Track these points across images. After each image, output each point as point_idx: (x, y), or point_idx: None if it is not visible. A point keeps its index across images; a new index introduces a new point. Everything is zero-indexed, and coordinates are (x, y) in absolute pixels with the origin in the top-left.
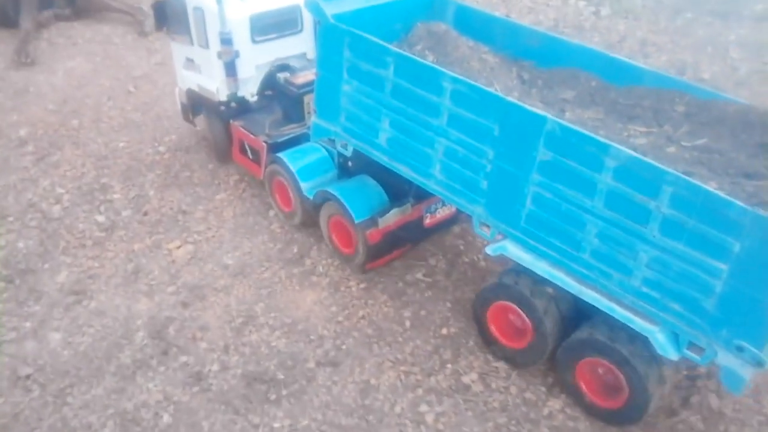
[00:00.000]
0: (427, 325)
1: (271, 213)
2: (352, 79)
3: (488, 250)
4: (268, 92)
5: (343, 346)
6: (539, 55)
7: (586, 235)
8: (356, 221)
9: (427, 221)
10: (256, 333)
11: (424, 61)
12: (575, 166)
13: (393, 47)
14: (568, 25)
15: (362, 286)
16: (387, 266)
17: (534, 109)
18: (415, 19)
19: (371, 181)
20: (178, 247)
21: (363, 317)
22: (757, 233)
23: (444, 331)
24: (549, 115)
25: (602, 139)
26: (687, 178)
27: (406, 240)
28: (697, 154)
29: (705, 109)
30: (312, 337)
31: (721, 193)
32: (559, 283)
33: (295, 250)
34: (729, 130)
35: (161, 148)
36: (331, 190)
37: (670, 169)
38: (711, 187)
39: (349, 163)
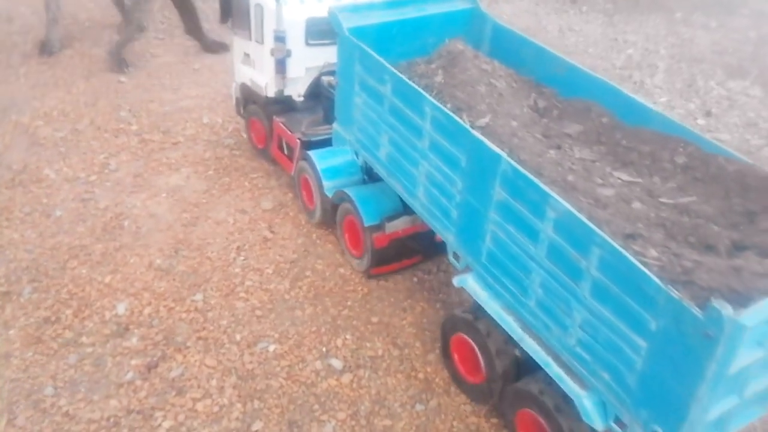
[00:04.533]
0: None
1: None
2: (362, 91)
3: (453, 280)
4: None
5: None
6: (562, 82)
7: (532, 282)
8: (366, 224)
9: (438, 237)
10: None
11: (410, 83)
12: (523, 210)
13: (389, 67)
14: None
15: None
16: None
17: (491, 146)
18: (451, 34)
19: (390, 189)
20: None
21: None
22: (670, 314)
23: None
24: (504, 155)
25: (544, 187)
26: (612, 242)
27: (417, 252)
28: (667, 214)
29: (705, 164)
30: None
31: (640, 263)
32: (506, 328)
33: None
34: (723, 191)
35: (335, 362)
36: (347, 191)
37: (598, 230)
38: (649, 256)
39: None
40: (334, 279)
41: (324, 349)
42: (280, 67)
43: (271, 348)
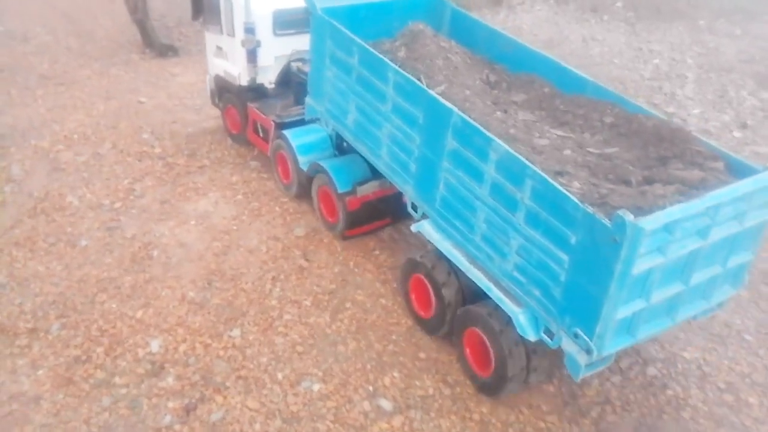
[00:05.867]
0: None
1: None
2: (332, 65)
3: (411, 227)
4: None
5: None
6: (512, 60)
7: (477, 219)
8: (339, 191)
9: (405, 198)
10: None
11: (375, 53)
12: (470, 156)
13: (357, 39)
14: None
15: None
16: None
17: (445, 102)
18: (413, 18)
19: (359, 159)
20: None
21: None
22: (586, 228)
23: None
24: (455, 109)
25: (487, 133)
26: (541, 172)
27: (386, 214)
28: (591, 159)
29: (629, 122)
30: None
31: (564, 188)
32: (455, 262)
33: None
34: (642, 142)
35: (384, 403)
36: (321, 163)
37: (530, 164)
38: (573, 187)
39: (345, 144)
40: (376, 311)
41: (371, 389)
42: (251, 56)
43: (316, 387)
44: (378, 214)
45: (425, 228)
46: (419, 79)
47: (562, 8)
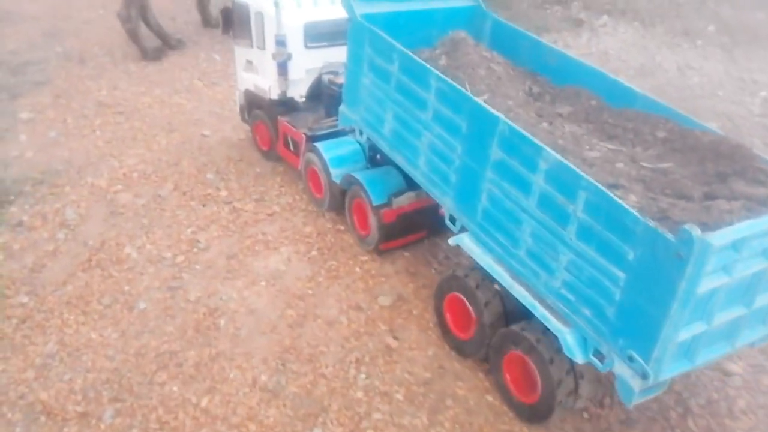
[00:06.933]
0: None
1: None
2: (370, 72)
3: (450, 240)
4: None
5: None
6: (556, 72)
7: (522, 233)
8: (374, 203)
9: (442, 210)
10: None
11: (417, 59)
12: (517, 166)
13: (398, 45)
14: None
15: None
16: None
17: (490, 109)
18: (453, 28)
19: (394, 171)
20: None
21: None
22: (646, 243)
23: None
24: (502, 116)
25: (537, 142)
26: (596, 183)
27: (422, 226)
28: (646, 173)
29: (683, 137)
30: None
31: (621, 201)
32: (497, 278)
33: None
34: (698, 158)
35: None
36: (355, 175)
37: (584, 175)
38: (629, 200)
39: (378, 156)
40: (482, 411)
41: None
42: (282, 69)
43: None
44: (414, 227)
45: (464, 242)
46: (463, 87)
47: (650, 31)
